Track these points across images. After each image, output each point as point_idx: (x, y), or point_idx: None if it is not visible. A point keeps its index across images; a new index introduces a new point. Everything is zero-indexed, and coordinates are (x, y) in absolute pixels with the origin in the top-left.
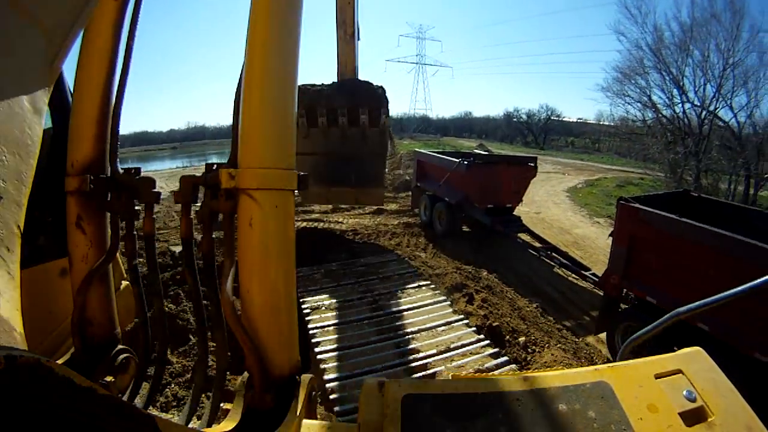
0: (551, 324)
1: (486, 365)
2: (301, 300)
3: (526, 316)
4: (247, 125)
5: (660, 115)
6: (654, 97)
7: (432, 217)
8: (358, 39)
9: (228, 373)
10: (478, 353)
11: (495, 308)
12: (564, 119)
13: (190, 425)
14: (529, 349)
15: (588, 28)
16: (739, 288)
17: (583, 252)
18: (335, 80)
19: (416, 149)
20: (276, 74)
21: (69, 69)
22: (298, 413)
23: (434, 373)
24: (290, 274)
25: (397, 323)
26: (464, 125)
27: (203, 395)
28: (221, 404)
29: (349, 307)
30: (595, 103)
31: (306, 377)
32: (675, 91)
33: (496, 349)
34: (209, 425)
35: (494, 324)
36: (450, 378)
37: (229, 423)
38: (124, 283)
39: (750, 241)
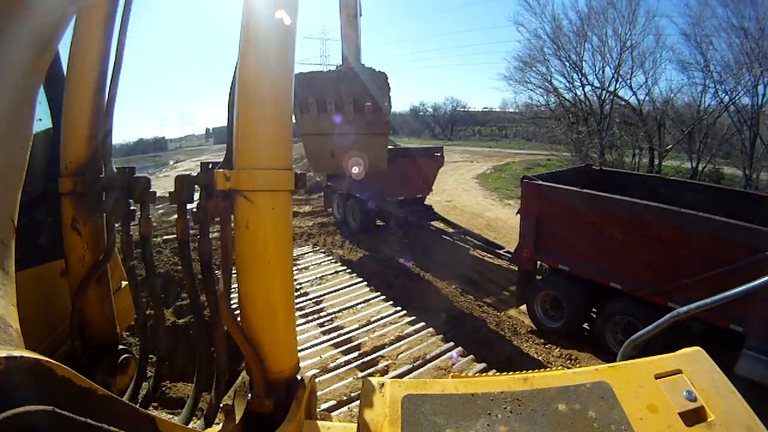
0: (471, 302)
1: (405, 332)
2: None
3: (445, 296)
4: (242, 125)
5: (562, 99)
6: (555, 83)
7: (345, 214)
8: (360, 15)
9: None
10: (397, 322)
11: (413, 291)
12: (469, 110)
13: (190, 425)
14: (450, 324)
15: (488, 20)
16: (740, 288)
17: (496, 233)
18: (341, 64)
19: None
20: (271, 73)
21: None
22: (298, 414)
23: (359, 344)
24: (288, 276)
25: (320, 306)
26: None
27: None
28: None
29: None
30: (499, 92)
31: (306, 377)
32: (575, 75)
33: (414, 317)
34: (209, 425)
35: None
36: (450, 378)
37: (230, 423)
38: (124, 283)
39: (642, 202)
